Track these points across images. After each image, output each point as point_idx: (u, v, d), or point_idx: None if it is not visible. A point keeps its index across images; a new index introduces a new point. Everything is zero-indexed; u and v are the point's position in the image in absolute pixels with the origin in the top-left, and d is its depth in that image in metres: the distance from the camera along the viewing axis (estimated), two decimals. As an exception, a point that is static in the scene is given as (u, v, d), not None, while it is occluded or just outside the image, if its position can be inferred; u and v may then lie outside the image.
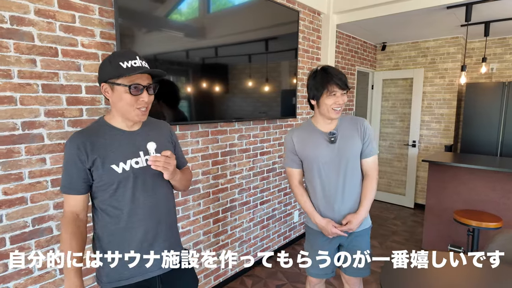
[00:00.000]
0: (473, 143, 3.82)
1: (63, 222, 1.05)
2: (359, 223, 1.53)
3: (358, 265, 1.54)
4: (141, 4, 1.70)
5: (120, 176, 1.04)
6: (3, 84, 1.34)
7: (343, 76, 1.46)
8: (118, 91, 1.01)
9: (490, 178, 2.78)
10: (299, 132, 1.59)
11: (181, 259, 1.22)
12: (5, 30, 1.32)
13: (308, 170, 1.58)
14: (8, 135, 1.37)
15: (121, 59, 1.00)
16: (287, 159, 1.64)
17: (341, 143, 1.51)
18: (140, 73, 1.01)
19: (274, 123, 2.88)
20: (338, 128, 1.54)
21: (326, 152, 1.51)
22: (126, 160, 1.05)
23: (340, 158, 1.50)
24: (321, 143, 1.52)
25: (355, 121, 1.57)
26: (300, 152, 1.57)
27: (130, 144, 1.08)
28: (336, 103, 1.45)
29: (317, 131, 1.55)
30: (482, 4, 2.75)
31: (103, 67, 1.04)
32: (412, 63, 4.40)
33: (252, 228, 2.76)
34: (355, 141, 1.52)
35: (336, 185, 1.52)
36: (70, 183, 1.03)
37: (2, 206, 1.38)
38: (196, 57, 2.03)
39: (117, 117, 1.08)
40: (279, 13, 2.61)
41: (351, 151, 1.52)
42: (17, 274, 1.44)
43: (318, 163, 1.52)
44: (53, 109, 1.49)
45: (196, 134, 2.18)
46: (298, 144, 1.57)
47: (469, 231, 2.59)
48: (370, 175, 1.56)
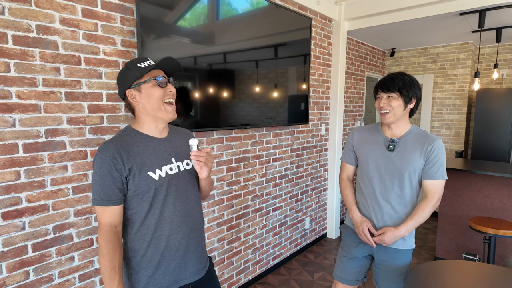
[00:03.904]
0: (484, 149, 3.79)
1: (102, 236, 1.00)
2: (394, 239, 1.45)
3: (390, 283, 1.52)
4: (161, 13, 1.71)
5: (158, 183, 1.04)
6: (29, 92, 1.35)
7: (389, 81, 1.45)
8: (146, 89, 1.04)
9: (505, 185, 2.75)
10: (363, 131, 1.63)
11: (210, 266, 1.23)
12: (32, 39, 1.34)
13: (360, 168, 1.62)
14: (32, 142, 1.38)
15: (137, 62, 1.06)
16: (344, 153, 1.70)
17: (398, 153, 1.47)
18: (156, 68, 1.07)
19: (286, 129, 2.88)
20: (403, 138, 1.49)
21: (380, 157, 1.51)
22: (161, 167, 1.06)
23: (391, 168, 1.47)
24: (378, 147, 1.53)
25: (425, 137, 1.46)
26: (356, 148, 1.61)
27: (163, 150, 1.09)
28: (380, 105, 1.47)
29: (379, 134, 1.56)
30: (495, 11, 2.75)
31: (124, 76, 1.06)
32: (421, 69, 4.40)
33: (264, 235, 2.75)
34: (414, 157, 1.44)
35: (380, 191, 1.51)
36: (106, 194, 0.99)
37: (25, 213, 1.38)
38: (214, 63, 2.04)
39: (147, 122, 1.08)
40: (291, 20, 2.63)
41: (405, 165, 1.44)
42: (38, 282, 1.44)
43: (369, 166, 1.54)
44: (75, 117, 1.50)
45: (212, 140, 2.18)
46: (357, 141, 1.61)
47: (485, 239, 2.55)
48: (428, 197, 1.45)
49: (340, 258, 1.69)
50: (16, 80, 1.32)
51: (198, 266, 1.15)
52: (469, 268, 1.49)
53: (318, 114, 3.25)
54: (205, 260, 1.20)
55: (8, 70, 1.29)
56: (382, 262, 1.54)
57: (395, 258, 1.51)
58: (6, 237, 1.34)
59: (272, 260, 2.87)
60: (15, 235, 1.36)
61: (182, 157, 1.14)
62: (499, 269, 1.46)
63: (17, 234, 1.37)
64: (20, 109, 1.34)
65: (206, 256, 1.23)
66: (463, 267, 1.49)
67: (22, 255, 1.39)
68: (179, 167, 1.11)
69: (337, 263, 1.71)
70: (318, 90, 3.22)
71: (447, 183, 3.04)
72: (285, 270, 2.88)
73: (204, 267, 1.18)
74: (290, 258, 3.09)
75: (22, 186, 1.37)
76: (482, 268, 1.48)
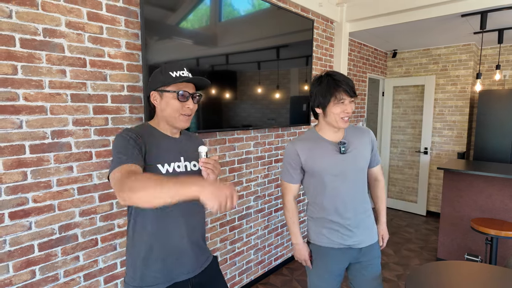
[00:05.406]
0: (486, 150, 3.79)
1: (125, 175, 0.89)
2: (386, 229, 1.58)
3: (373, 282, 1.47)
4: (164, 15, 1.73)
5: None
6: (35, 94, 1.38)
7: (351, 82, 1.35)
8: (166, 98, 1.10)
9: (507, 186, 2.75)
10: (303, 142, 1.44)
11: (214, 265, 1.26)
12: (38, 42, 1.36)
13: (315, 185, 1.44)
14: (39, 143, 1.40)
15: (171, 69, 1.10)
16: (285, 173, 1.49)
17: (352, 153, 1.41)
18: (186, 82, 1.11)
19: (288, 130, 2.89)
20: (347, 137, 1.44)
21: (336, 163, 1.39)
22: (170, 163, 1.12)
23: (351, 169, 1.41)
24: (330, 154, 1.40)
25: (362, 130, 1.50)
26: (307, 164, 1.42)
27: (173, 148, 1.15)
28: (345, 111, 1.34)
29: (324, 141, 1.43)
30: (497, 12, 2.76)
31: (155, 77, 1.13)
32: (423, 70, 4.40)
33: (267, 236, 2.76)
34: (366, 151, 1.47)
35: (347, 198, 1.41)
36: (127, 156, 0.96)
37: (32, 213, 1.41)
38: (216, 64, 2.05)
39: (162, 123, 1.15)
40: (293, 22, 2.64)
41: (363, 161, 1.45)
42: (44, 281, 1.46)
43: (327, 176, 1.40)
44: (80, 118, 1.53)
45: (214, 141, 2.20)
46: (304, 156, 1.42)
47: (487, 240, 2.56)
48: (380, 180, 1.60)
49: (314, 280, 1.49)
50: (23, 82, 1.34)
51: (196, 263, 1.18)
52: (471, 269, 1.50)
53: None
54: (204, 258, 1.22)
55: (16, 72, 1.32)
56: (365, 264, 1.47)
57: (374, 252, 1.49)
58: (13, 237, 1.36)
59: (274, 261, 2.88)
60: (22, 235, 1.39)
61: (190, 158, 1.19)
62: (501, 270, 1.47)
63: (23, 234, 1.39)
64: (27, 111, 1.36)
65: (207, 253, 1.25)
66: (465, 268, 1.50)
67: (29, 255, 1.41)
68: (186, 166, 1.16)
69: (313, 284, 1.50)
70: (320, 91, 3.23)
71: (449, 184, 3.04)
72: (287, 271, 2.89)
73: (202, 264, 1.20)
74: (292, 259, 3.10)
75: (29, 186, 1.39)
76: (484, 269, 1.49)
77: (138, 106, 1.74)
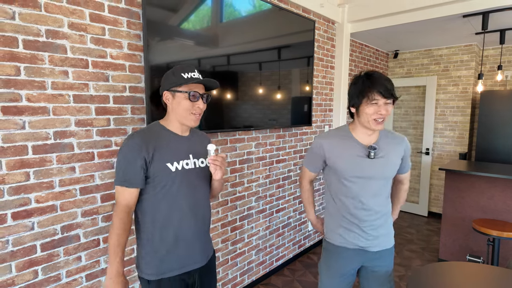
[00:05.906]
0: (488, 151, 3.78)
1: (118, 215, 1.12)
2: None
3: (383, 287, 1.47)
4: (166, 16, 1.74)
5: (173, 174, 1.16)
6: (38, 95, 1.38)
7: (389, 83, 1.28)
8: (178, 98, 1.17)
9: (509, 186, 2.75)
10: (332, 139, 1.42)
11: (213, 258, 1.36)
12: (41, 43, 1.37)
13: (336, 182, 1.43)
14: (41, 144, 1.41)
15: (183, 71, 1.17)
16: (308, 160, 1.52)
17: (381, 160, 1.36)
18: (197, 83, 1.18)
19: (290, 131, 2.89)
20: (379, 142, 1.38)
21: (362, 167, 1.35)
22: (179, 161, 1.19)
23: (376, 176, 1.37)
24: (357, 156, 1.36)
25: (395, 137, 1.44)
26: (331, 161, 1.41)
27: (182, 147, 1.22)
28: (378, 112, 1.28)
29: (354, 142, 1.39)
30: (499, 13, 2.75)
31: (167, 78, 1.20)
32: (424, 70, 4.40)
33: (268, 236, 2.76)
34: (396, 160, 1.41)
35: (368, 201, 1.38)
36: (130, 177, 1.11)
37: (34, 214, 1.41)
38: (217, 65, 2.06)
39: (173, 122, 1.22)
40: (294, 22, 2.65)
41: (391, 170, 1.40)
42: (46, 281, 1.47)
43: (350, 177, 1.37)
44: (83, 119, 1.53)
45: (216, 142, 2.20)
46: (330, 152, 1.40)
47: (489, 241, 2.55)
48: (405, 184, 1.59)
49: (325, 281, 1.50)
50: (26, 83, 1.35)
51: (204, 254, 1.28)
52: (473, 270, 1.49)
53: (321, 116, 3.27)
54: (209, 250, 1.33)
55: (19, 73, 1.32)
56: (376, 267, 1.47)
57: (386, 257, 1.47)
58: (16, 237, 1.37)
59: (276, 262, 2.88)
60: (24, 235, 1.39)
61: (199, 156, 1.26)
62: (503, 271, 1.46)
63: (26, 234, 1.40)
64: (30, 112, 1.37)
65: (211, 247, 1.36)
66: (466, 269, 1.50)
67: (31, 255, 1.42)
68: (195, 163, 1.24)
69: (324, 285, 1.51)
70: (321, 92, 3.24)
71: (451, 185, 3.03)
72: (288, 272, 2.89)
73: (208, 256, 1.31)
74: (294, 260, 3.10)
75: (31, 187, 1.40)
76: (486, 270, 1.48)
77: (140, 107, 1.74)
